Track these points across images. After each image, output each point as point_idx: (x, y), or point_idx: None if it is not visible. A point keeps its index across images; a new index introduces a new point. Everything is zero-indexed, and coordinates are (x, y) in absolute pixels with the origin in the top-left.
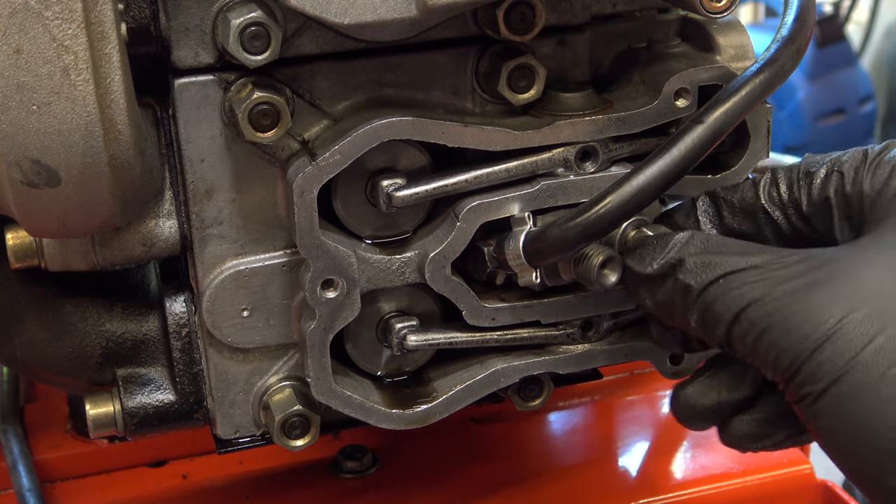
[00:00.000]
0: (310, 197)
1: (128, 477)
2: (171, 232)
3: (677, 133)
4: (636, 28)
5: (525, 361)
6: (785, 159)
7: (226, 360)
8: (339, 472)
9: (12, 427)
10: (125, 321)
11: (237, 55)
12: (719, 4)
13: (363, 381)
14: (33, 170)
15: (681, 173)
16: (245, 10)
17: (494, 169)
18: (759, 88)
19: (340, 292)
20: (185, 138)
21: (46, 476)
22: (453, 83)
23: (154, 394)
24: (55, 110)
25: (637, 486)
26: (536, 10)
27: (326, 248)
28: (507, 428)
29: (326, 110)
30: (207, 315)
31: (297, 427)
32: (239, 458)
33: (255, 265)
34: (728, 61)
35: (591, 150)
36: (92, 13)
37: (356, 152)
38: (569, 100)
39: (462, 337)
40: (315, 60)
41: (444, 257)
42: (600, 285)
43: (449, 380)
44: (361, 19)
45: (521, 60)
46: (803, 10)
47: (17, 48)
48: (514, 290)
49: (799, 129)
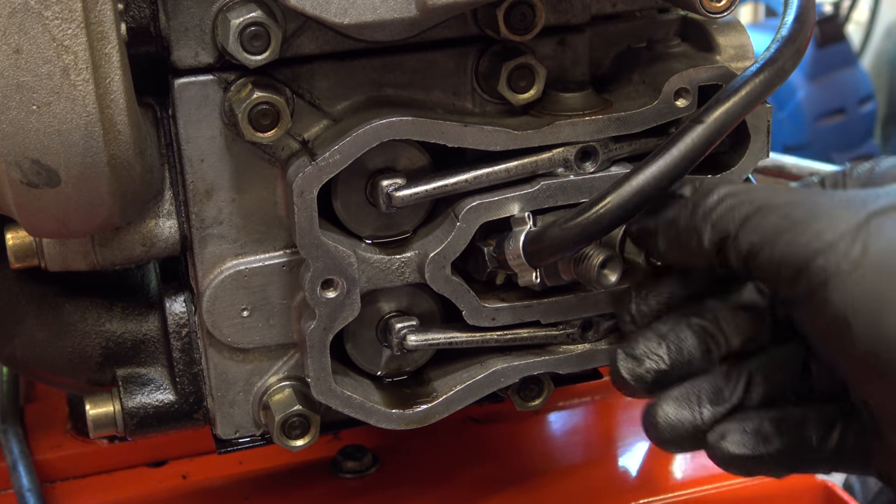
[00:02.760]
0: (310, 197)
1: (128, 477)
2: (171, 232)
3: (677, 133)
4: (636, 28)
5: (525, 361)
6: (785, 159)
7: (226, 360)
8: (339, 472)
9: (12, 427)
10: (125, 321)
11: (237, 55)
12: (719, 4)
13: (363, 381)
14: (33, 170)
15: (681, 173)
16: (245, 10)
17: (494, 169)
18: (759, 88)
19: (340, 292)
20: (185, 138)
21: (46, 476)
22: (453, 83)
23: (154, 394)
24: (55, 110)
25: (637, 486)
26: (536, 10)
27: (326, 248)
28: (507, 428)
29: (326, 110)
30: (207, 315)
31: (297, 427)
32: (239, 458)
33: (255, 265)
34: (728, 61)
35: (591, 150)
36: (92, 13)
37: (356, 152)
38: (569, 100)
39: (462, 337)
40: (315, 60)
41: (444, 257)
42: (600, 285)
43: (449, 380)
44: (361, 19)
45: (521, 60)
46: (803, 10)
47: (17, 48)
48: (514, 290)
49: (799, 129)
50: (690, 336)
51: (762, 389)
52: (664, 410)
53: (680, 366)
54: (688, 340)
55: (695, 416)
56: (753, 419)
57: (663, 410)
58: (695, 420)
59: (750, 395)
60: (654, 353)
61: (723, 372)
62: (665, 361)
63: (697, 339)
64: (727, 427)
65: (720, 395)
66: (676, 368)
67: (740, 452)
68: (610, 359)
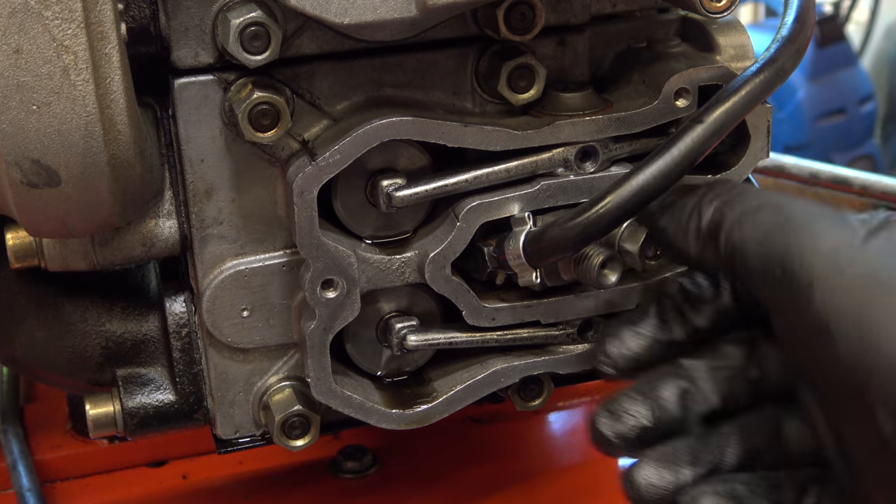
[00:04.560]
0: (310, 197)
1: (128, 477)
2: (171, 232)
3: (677, 133)
4: (636, 28)
5: (525, 361)
6: (785, 159)
7: (226, 360)
8: (339, 472)
9: (12, 427)
10: (125, 321)
11: (237, 55)
12: (719, 4)
13: (363, 381)
14: (33, 170)
15: (681, 173)
16: (245, 10)
17: (494, 169)
18: (759, 88)
19: (340, 292)
20: (185, 138)
21: (46, 476)
22: (453, 83)
23: (154, 394)
24: (55, 110)
25: None
26: (536, 10)
27: (326, 248)
28: (507, 428)
29: (326, 110)
30: (207, 315)
31: (297, 427)
32: (239, 458)
33: (255, 265)
34: (728, 61)
35: (591, 150)
36: (92, 13)
37: (356, 152)
38: (569, 100)
39: (462, 337)
40: (315, 60)
41: (444, 257)
42: (600, 285)
43: (449, 380)
44: (361, 19)
45: (521, 60)
46: (803, 10)
47: (17, 48)
48: (514, 290)
49: (799, 129)
50: (671, 394)
51: (737, 452)
52: (646, 472)
53: (661, 424)
54: (669, 400)
55: (675, 477)
56: (727, 482)
57: (645, 472)
58: (677, 482)
59: (724, 458)
60: (635, 411)
61: (698, 433)
62: (648, 419)
63: (677, 397)
64: (700, 489)
65: (698, 458)
66: (658, 427)
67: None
68: (589, 418)
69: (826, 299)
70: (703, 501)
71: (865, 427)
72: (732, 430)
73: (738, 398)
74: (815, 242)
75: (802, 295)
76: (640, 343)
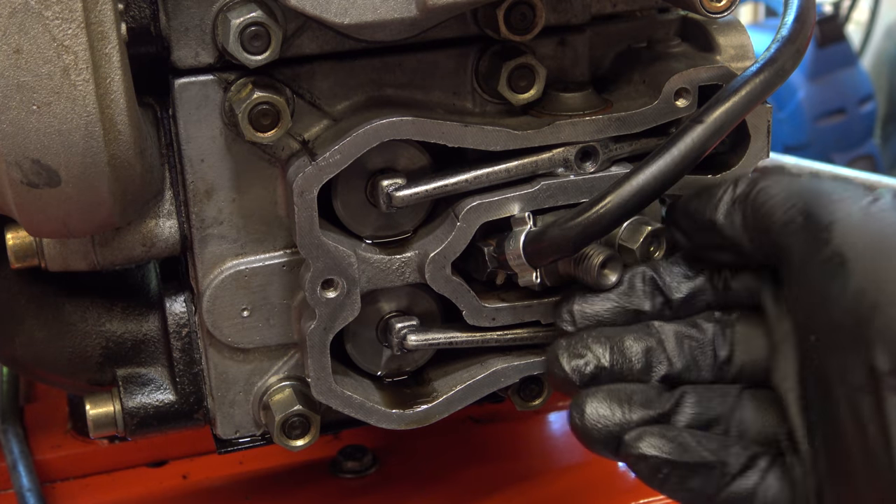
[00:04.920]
0: (310, 197)
1: (128, 477)
2: (171, 232)
3: (677, 133)
4: (636, 28)
5: (525, 361)
6: (785, 159)
7: (226, 360)
8: (339, 472)
9: (12, 427)
10: (125, 321)
11: (237, 55)
12: (719, 4)
13: (363, 381)
14: (33, 170)
15: (681, 173)
16: (245, 10)
17: (494, 169)
18: (759, 88)
19: (340, 292)
20: (185, 138)
21: (46, 476)
22: (453, 83)
23: (154, 394)
24: (55, 110)
25: (637, 486)
26: (536, 10)
27: (326, 248)
28: (507, 428)
29: (326, 110)
30: (207, 315)
31: (297, 427)
32: (239, 458)
33: (255, 265)
34: (728, 61)
35: (591, 149)
36: (92, 13)
37: (356, 152)
38: (569, 100)
39: (462, 337)
40: (315, 60)
41: (444, 257)
42: (600, 285)
43: (449, 380)
44: (361, 19)
45: (521, 60)
46: (803, 10)
47: (17, 48)
48: (514, 290)
49: (799, 129)
50: (636, 347)
51: (692, 413)
52: (596, 402)
53: (619, 370)
54: (632, 349)
55: (624, 415)
56: (676, 431)
57: (593, 404)
58: (625, 419)
59: (679, 413)
60: (596, 350)
61: (657, 387)
62: (606, 359)
63: (642, 352)
64: (647, 430)
65: (651, 404)
66: (615, 371)
67: (653, 454)
68: (548, 350)
69: (845, 232)
70: (646, 440)
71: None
72: (691, 393)
73: (702, 371)
74: (839, 195)
75: (822, 233)
76: (604, 306)
